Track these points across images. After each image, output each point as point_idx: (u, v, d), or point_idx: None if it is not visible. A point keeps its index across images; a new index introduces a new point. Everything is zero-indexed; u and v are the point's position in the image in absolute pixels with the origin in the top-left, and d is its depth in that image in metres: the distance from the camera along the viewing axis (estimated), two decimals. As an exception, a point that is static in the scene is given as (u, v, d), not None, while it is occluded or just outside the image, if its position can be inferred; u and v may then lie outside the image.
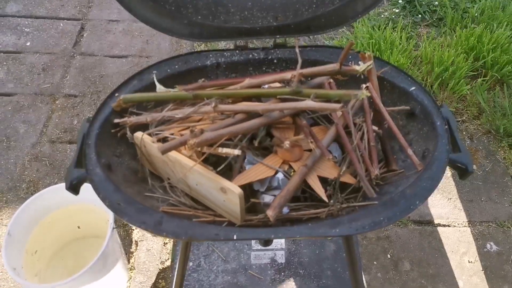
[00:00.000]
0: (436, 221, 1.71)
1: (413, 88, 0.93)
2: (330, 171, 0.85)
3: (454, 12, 2.37)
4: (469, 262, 1.60)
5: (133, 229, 1.69)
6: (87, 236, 1.62)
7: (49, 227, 1.48)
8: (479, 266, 1.59)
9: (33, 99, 2.07)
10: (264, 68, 1.07)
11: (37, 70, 2.19)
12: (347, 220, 0.75)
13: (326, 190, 0.82)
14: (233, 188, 0.78)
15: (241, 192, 0.78)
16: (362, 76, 0.92)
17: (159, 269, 1.60)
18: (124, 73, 2.18)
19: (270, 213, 0.76)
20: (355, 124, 0.90)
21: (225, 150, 0.79)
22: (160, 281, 1.58)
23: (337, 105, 0.78)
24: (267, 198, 0.84)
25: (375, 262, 1.60)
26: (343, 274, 1.40)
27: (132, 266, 1.60)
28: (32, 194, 1.73)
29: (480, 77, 2.10)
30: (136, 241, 1.67)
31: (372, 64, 0.91)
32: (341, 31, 2.38)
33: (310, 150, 0.87)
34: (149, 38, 2.36)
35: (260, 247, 1.51)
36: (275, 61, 1.06)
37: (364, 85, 0.90)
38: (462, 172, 0.81)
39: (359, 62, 0.94)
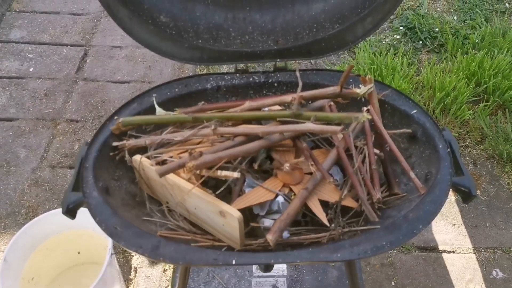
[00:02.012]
0: (440, 248, 1.68)
1: (414, 111, 0.93)
2: (331, 194, 0.83)
3: (454, 38, 2.38)
4: (475, 289, 1.57)
5: (133, 256, 1.66)
6: (85, 262, 1.59)
7: (46, 254, 1.46)
8: (486, 294, 1.56)
9: (35, 124, 2.07)
10: (264, 91, 1.06)
11: (39, 95, 2.19)
12: (349, 244, 0.73)
13: (327, 214, 0.81)
14: (232, 211, 0.77)
15: (240, 215, 0.76)
16: (364, 99, 0.92)
17: (158, 297, 1.57)
18: (126, 98, 2.17)
19: (270, 237, 0.75)
20: (356, 147, 0.89)
21: (224, 173, 0.78)
22: (159, 309, 1.55)
23: (337, 128, 0.77)
24: (267, 222, 0.82)
25: (379, 290, 1.56)
26: (345, 302, 1.37)
27: (130, 293, 1.57)
28: (31, 220, 1.71)
29: (482, 102, 2.09)
30: (135, 268, 1.64)
31: (372, 87, 0.90)
32: (343, 57, 2.39)
33: (310, 173, 0.86)
34: (151, 63, 2.37)
35: (261, 273, 1.48)
36: (275, 84, 1.06)
37: (364, 108, 0.90)
38: (465, 196, 0.80)
39: (360, 85, 0.93)
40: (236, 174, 0.77)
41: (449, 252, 1.67)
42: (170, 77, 2.28)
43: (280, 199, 0.82)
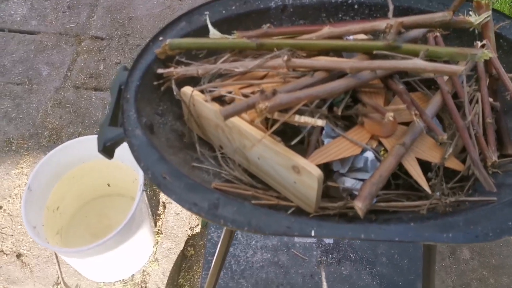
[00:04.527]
0: None
1: (542, 50, 0.73)
2: (431, 153, 0.66)
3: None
4: (539, 254, 1.42)
5: (161, 189, 1.54)
6: (111, 194, 1.49)
7: (72, 183, 1.36)
8: (552, 260, 1.41)
9: (58, 39, 1.89)
10: (340, 15, 0.86)
11: (62, 8, 2.00)
12: (463, 222, 0.57)
13: (427, 178, 0.64)
14: (311, 168, 0.60)
15: (320, 174, 0.60)
16: (477, 31, 0.72)
17: (188, 236, 1.46)
18: (154, 16, 1.98)
19: (359, 204, 0.59)
20: (465, 94, 0.70)
21: (303, 119, 0.61)
22: (189, 248, 1.44)
23: (458, 68, 0.58)
24: (349, 182, 0.66)
25: (428, 246, 1.43)
26: (401, 263, 1.22)
27: (159, 230, 1.46)
28: (54, 143, 1.59)
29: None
30: (163, 203, 1.52)
31: (489, 15, 0.70)
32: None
33: (405, 124, 0.68)
34: (183, -22, 2.14)
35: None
36: (355, 6, 0.85)
37: (479, 43, 0.70)
38: None
39: (470, 13, 0.73)
40: (320, 122, 0.59)
41: None
42: (204, -5, 2.05)
43: (370, 155, 0.65)
